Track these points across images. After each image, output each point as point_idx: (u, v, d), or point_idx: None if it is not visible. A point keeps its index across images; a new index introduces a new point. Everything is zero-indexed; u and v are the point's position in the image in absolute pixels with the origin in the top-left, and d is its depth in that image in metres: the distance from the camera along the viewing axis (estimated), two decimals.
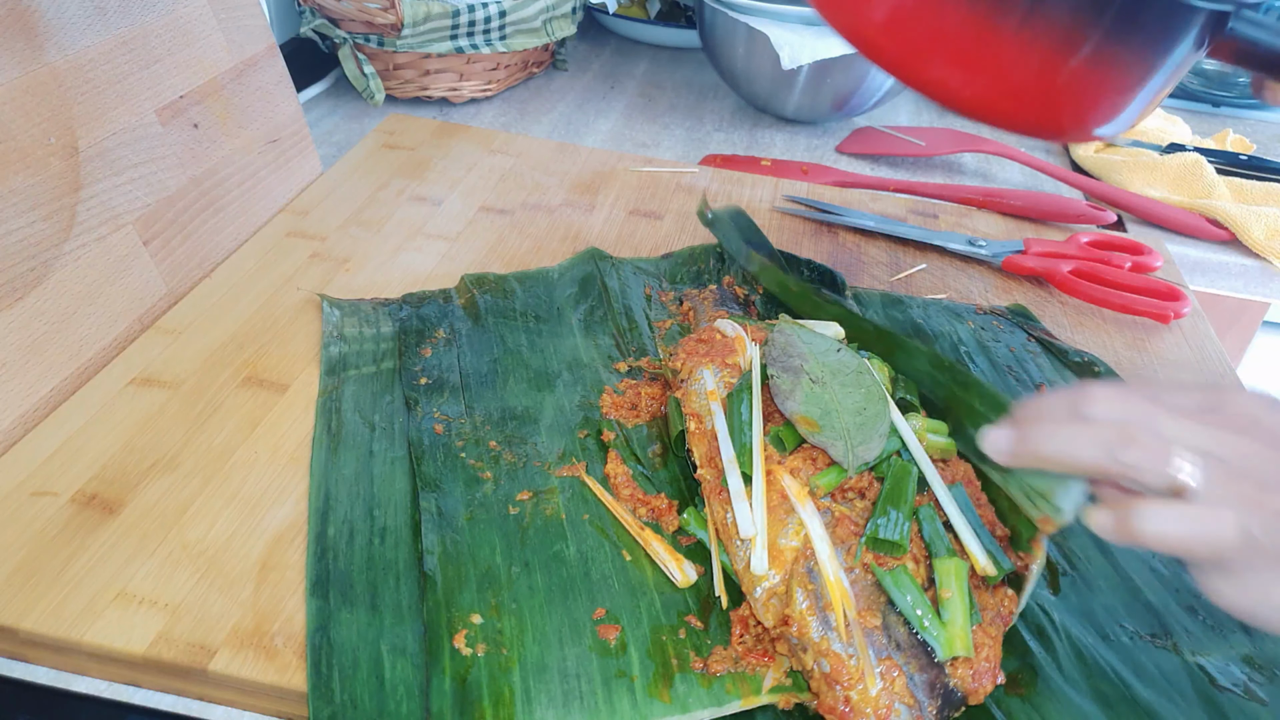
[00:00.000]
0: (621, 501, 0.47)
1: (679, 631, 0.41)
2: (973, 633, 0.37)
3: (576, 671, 0.39)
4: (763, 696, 0.39)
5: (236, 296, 0.62)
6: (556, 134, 0.95)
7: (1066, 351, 0.62)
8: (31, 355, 0.51)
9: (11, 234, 0.50)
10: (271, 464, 0.49)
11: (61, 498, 0.46)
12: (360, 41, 0.91)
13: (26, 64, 0.52)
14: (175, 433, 0.50)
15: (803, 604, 0.38)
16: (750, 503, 0.42)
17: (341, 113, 0.96)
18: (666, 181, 0.82)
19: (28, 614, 0.40)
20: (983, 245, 0.74)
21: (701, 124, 1.01)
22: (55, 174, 0.53)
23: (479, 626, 0.40)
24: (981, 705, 0.39)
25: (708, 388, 0.48)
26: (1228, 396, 0.36)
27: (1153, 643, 0.43)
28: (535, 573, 0.43)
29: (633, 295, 0.64)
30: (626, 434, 0.52)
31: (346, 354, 0.56)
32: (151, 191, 0.60)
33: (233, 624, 0.41)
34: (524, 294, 0.63)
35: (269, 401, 0.53)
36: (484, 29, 0.92)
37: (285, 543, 0.45)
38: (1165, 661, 0.42)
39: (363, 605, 0.41)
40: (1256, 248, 0.82)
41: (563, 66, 1.11)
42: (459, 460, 0.49)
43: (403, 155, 0.82)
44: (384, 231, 0.71)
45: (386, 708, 0.37)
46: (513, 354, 0.58)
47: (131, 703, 0.40)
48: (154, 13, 0.62)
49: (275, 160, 0.73)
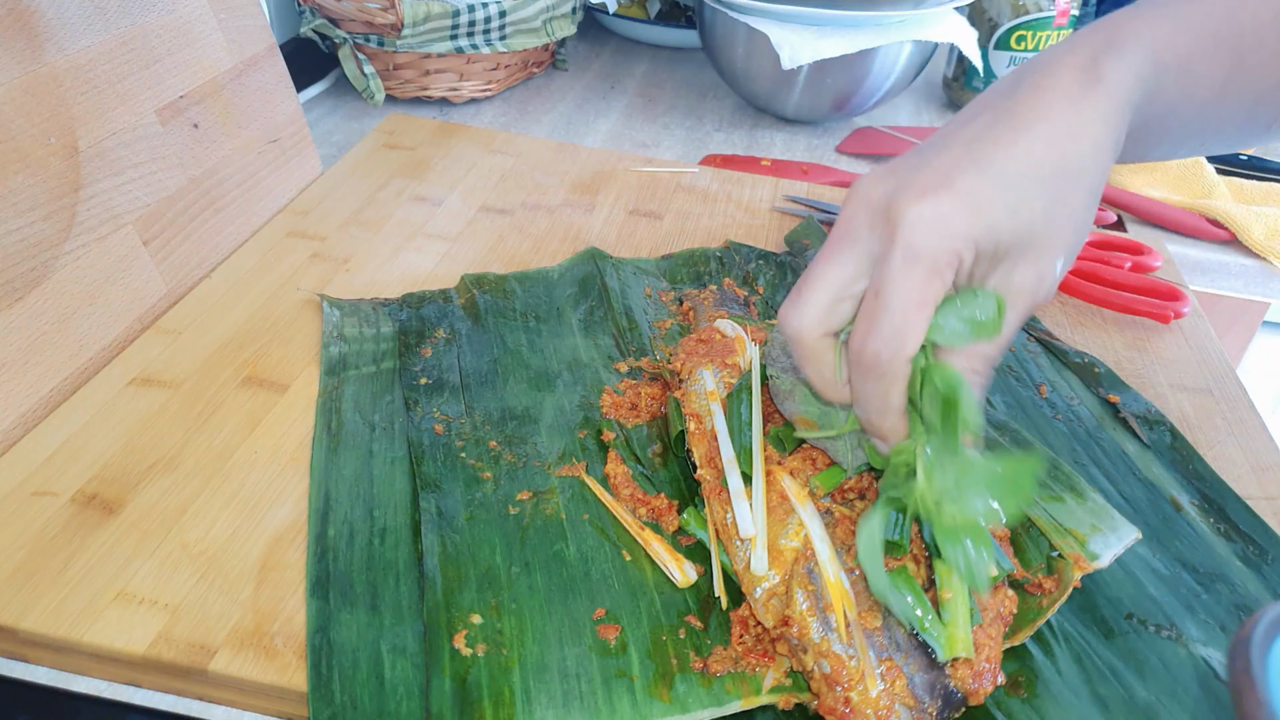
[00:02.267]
0: (621, 501, 0.47)
1: (679, 631, 0.41)
2: (973, 634, 0.37)
3: (576, 671, 0.39)
4: (763, 696, 0.39)
5: (236, 296, 0.62)
6: (556, 134, 0.95)
7: (1066, 352, 0.62)
8: (31, 355, 0.51)
9: (11, 234, 0.50)
10: (271, 464, 0.49)
11: (61, 498, 0.46)
12: (360, 41, 0.91)
13: (26, 64, 0.52)
14: (175, 433, 0.50)
15: (803, 605, 0.38)
16: (750, 503, 0.42)
17: (341, 113, 0.96)
18: (666, 181, 0.82)
19: (28, 614, 0.40)
20: None
21: (701, 124, 1.01)
22: (55, 174, 0.53)
23: (479, 626, 0.40)
24: (982, 706, 0.39)
25: (707, 388, 0.48)
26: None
27: (1157, 633, 0.43)
28: (535, 573, 0.43)
29: (633, 295, 0.64)
30: (626, 434, 0.52)
31: (346, 354, 0.56)
32: (151, 191, 0.60)
33: (233, 624, 0.41)
34: (524, 294, 0.63)
35: (269, 401, 0.53)
36: (484, 29, 0.92)
37: (285, 543, 0.45)
38: (1169, 653, 0.42)
39: (363, 605, 0.41)
40: (1256, 248, 0.82)
41: (563, 66, 1.11)
42: (459, 460, 0.49)
43: (403, 155, 0.82)
44: (384, 231, 0.71)
45: (386, 708, 0.37)
46: (513, 354, 0.58)
47: (131, 703, 0.40)
48: (154, 13, 0.62)
49: (275, 160, 0.73)
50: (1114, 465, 0.53)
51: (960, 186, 0.35)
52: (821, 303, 0.37)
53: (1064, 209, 0.36)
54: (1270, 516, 0.51)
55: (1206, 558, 0.48)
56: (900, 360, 0.36)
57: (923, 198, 0.35)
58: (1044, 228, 0.36)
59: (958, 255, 0.35)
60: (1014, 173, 0.35)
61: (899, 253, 0.35)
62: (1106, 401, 0.58)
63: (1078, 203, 0.36)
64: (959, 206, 0.35)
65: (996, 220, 0.35)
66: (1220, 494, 0.52)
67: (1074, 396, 0.59)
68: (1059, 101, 0.36)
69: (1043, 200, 0.35)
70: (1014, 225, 0.35)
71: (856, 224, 0.37)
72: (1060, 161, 0.36)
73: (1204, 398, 0.61)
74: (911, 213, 0.35)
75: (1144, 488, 0.52)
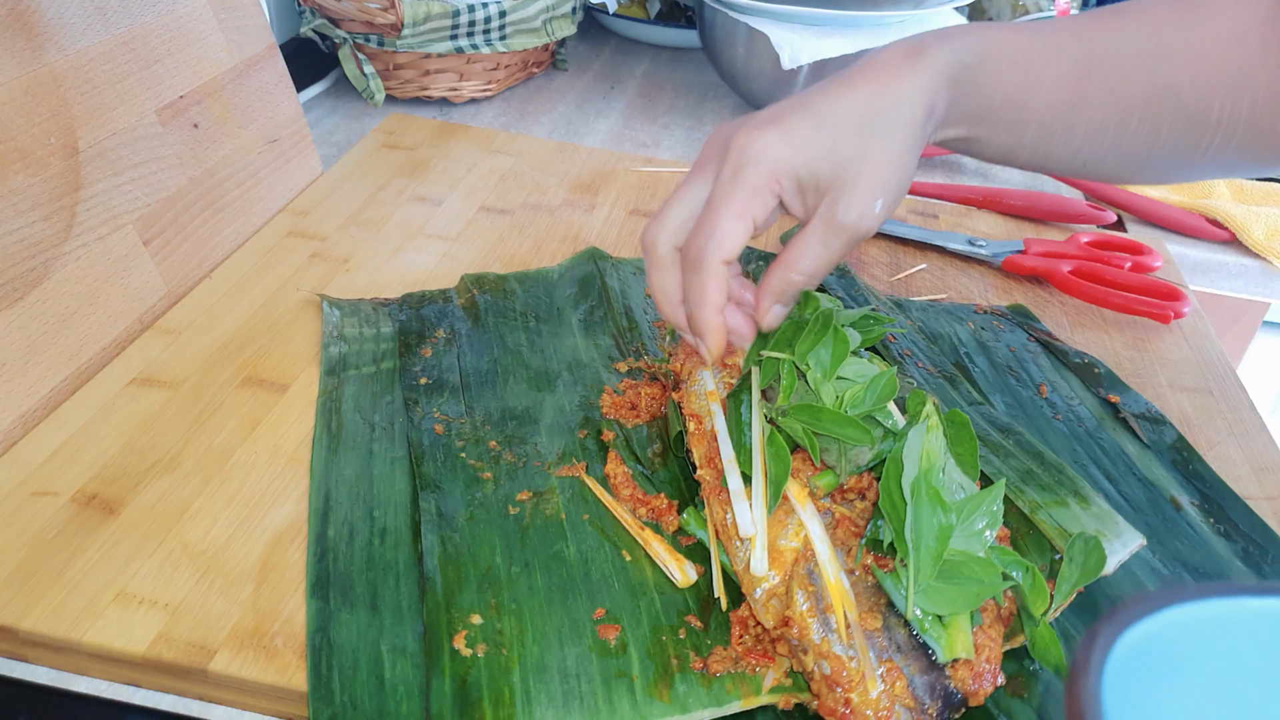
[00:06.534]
0: (621, 501, 0.47)
1: (679, 632, 0.41)
2: (973, 635, 0.37)
3: (576, 672, 0.39)
4: (763, 697, 0.39)
5: (236, 296, 0.62)
6: (556, 134, 0.95)
7: (1066, 352, 0.62)
8: (31, 355, 0.51)
9: (11, 234, 0.50)
10: (271, 464, 0.49)
11: (61, 498, 0.46)
12: (360, 41, 0.91)
13: (26, 64, 0.52)
14: (175, 433, 0.50)
15: (803, 606, 0.38)
16: (750, 503, 0.42)
17: (341, 113, 0.96)
18: (666, 181, 0.82)
19: (28, 614, 0.40)
20: (983, 245, 0.74)
21: (701, 124, 1.01)
22: (55, 174, 0.53)
23: (479, 627, 0.40)
24: (982, 706, 0.39)
25: (707, 388, 0.48)
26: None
27: None
28: (535, 573, 0.43)
29: (633, 295, 0.64)
30: (626, 434, 0.52)
31: (346, 354, 0.56)
32: (151, 191, 0.60)
33: (233, 624, 0.41)
34: (524, 294, 0.63)
35: (269, 401, 0.53)
36: (484, 29, 0.92)
37: (285, 543, 0.45)
38: None
39: (363, 606, 0.41)
40: (1256, 248, 0.82)
41: (563, 66, 1.11)
42: (459, 460, 0.49)
43: (403, 155, 0.82)
44: (384, 231, 0.71)
45: (386, 708, 0.37)
46: (513, 354, 0.58)
47: (131, 703, 0.40)
48: (154, 13, 0.62)
49: (275, 160, 0.73)
50: (1114, 465, 0.53)
51: (786, 123, 0.41)
52: (675, 218, 0.44)
53: (878, 153, 0.41)
54: (1270, 516, 0.51)
55: (1206, 558, 0.48)
56: (716, 259, 0.42)
57: (753, 130, 0.42)
58: (858, 166, 0.41)
59: (776, 179, 0.41)
60: (834, 118, 0.41)
61: (728, 170, 0.42)
62: (1106, 401, 0.58)
63: (892, 149, 0.42)
64: (782, 139, 0.41)
65: (814, 155, 0.41)
66: (1220, 494, 0.52)
67: (1074, 396, 0.59)
68: (883, 70, 0.42)
69: (858, 143, 0.41)
70: (832, 162, 0.41)
71: (707, 156, 0.44)
72: (877, 113, 0.42)
73: (1204, 398, 0.61)
74: (741, 138, 0.42)
75: (1144, 488, 0.52)
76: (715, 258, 0.42)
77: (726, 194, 0.41)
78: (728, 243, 0.41)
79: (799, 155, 0.41)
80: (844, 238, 0.42)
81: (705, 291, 0.42)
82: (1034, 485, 0.45)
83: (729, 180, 0.41)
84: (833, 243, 0.42)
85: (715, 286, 0.42)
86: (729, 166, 0.42)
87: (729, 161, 0.42)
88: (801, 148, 0.41)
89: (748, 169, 0.41)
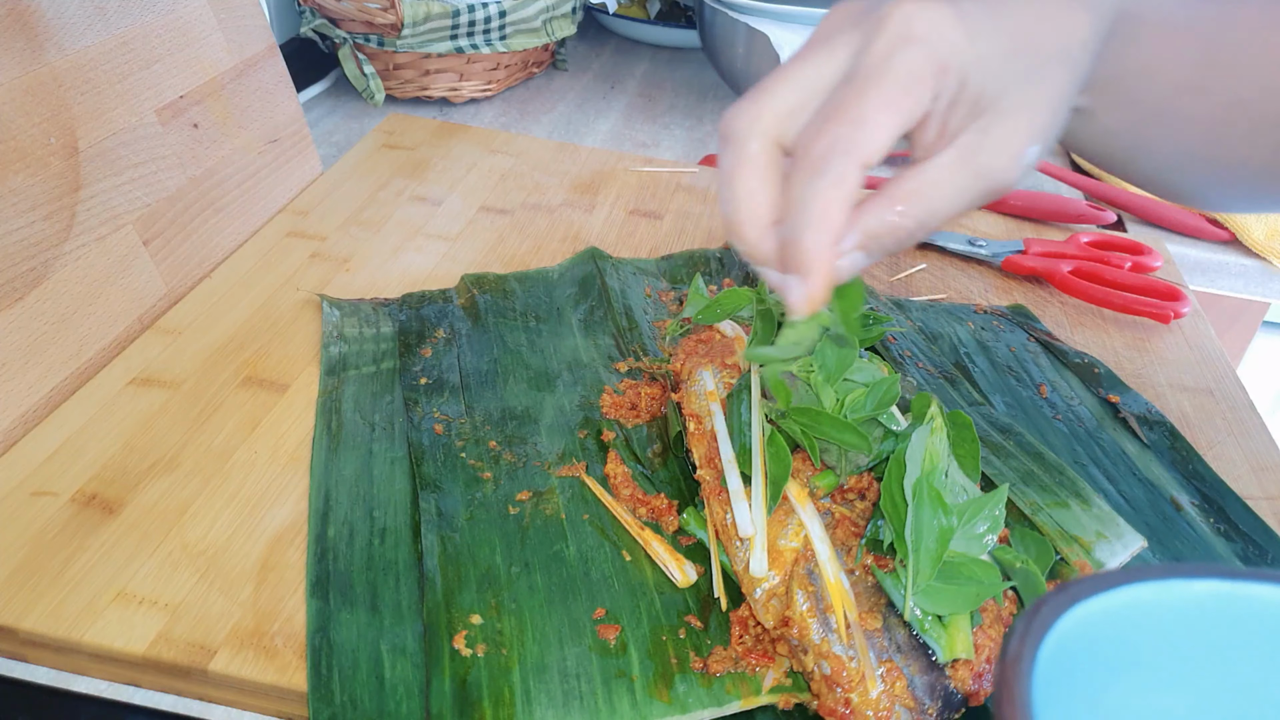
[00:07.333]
0: (621, 501, 0.47)
1: (679, 632, 0.41)
2: (973, 635, 0.37)
3: (576, 671, 0.39)
4: (763, 697, 0.39)
5: (236, 296, 0.62)
6: (556, 134, 0.95)
7: (1066, 352, 0.62)
8: (31, 355, 0.51)
9: (11, 234, 0.50)
10: (271, 464, 0.49)
11: (61, 498, 0.46)
12: (360, 41, 0.91)
13: (26, 64, 0.52)
14: (175, 433, 0.50)
15: (803, 606, 0.38)
16: (750, 503, 0.42)
17: (341, 113, 0.96)
18: (666, 181, 0.82)
19: (28, 614, 0.40)
20: (982, 245, 0.74)
21: (701, 124, 1.01)
22: (55, 174, 0.53)
23: (479, 627, 0.40)
24: (982, 707, 0.38)
25: (707, 388, 0.48)
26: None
27: None
28: (535, 573, 0.43)
29: (633, 295, 0.64)
30: (626, 434, 0.52)
31: (346, 354, 0.56)
32: (151, 191, 0.60)
33: (233, 624, 0.41)
34: (524, 294, 0.63)
35: (269, 401, 0.53)
36: (484, 29, 0.92)
37: (285, 543, 0.45)
38: None
39: (363, 605, 0.41)
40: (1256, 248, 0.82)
41: (563, 66, 1.11)
42: (459, 460, 0.49)
43: (403, 155, 0.82)
44: (384, 231, 0.71)
45: (386, 708, 0.37)
46: (513, 354, 0.58)
47: (131, 703, 0.40)
48: (154, 13, 0.62)
49: (275, 160, 0.73)
50: (1114, 465, 0.53)
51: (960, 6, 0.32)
52: (783, 100, 0.32)
53: (1050, 85, 0.34)
54: (1270, 516, 0.51)
55: (1206, 558, 0.48)
56: (854, 162, 0.31)
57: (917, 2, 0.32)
58: (1022, 94, 0.33)
59: (945, 70, 0.32)
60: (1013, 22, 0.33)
61: (881, 43, 0.31)
62: (1106, 401, 0.58)
63: (1060, 86, 0.34)
64: (957, 21, 0.32)
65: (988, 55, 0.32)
66: (1220, 494, 0.52)
67: (1074, 396, 0.59)
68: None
69: (1033, 64, 0.33)
70: (999, 75, 0.32)
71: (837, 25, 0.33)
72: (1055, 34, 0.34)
73: (1204, 398, 0.61)
74: (907, 7, 0.32)
75: (1144, 488, 0.52)
76: (854, 159, 0.31)
77: (878, 75, 0.31)
78: (874, 140, 0.31)
79: (971, 50, 0.32)
80: (981, 184, 0.33)
81: (827, 206, 0.31)
82: (1035, 486, 0.45)
83: (882, 59, 0.31)
84: (965, 185, 0.33)
85: (842, 202, 0.31)
86: (884, 40, 0.31)
87: (884, 33, 0.31)
88: (976, 43, 0.32)
89: (910, 49, 0.31)
